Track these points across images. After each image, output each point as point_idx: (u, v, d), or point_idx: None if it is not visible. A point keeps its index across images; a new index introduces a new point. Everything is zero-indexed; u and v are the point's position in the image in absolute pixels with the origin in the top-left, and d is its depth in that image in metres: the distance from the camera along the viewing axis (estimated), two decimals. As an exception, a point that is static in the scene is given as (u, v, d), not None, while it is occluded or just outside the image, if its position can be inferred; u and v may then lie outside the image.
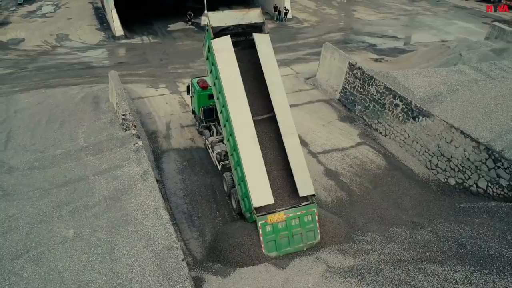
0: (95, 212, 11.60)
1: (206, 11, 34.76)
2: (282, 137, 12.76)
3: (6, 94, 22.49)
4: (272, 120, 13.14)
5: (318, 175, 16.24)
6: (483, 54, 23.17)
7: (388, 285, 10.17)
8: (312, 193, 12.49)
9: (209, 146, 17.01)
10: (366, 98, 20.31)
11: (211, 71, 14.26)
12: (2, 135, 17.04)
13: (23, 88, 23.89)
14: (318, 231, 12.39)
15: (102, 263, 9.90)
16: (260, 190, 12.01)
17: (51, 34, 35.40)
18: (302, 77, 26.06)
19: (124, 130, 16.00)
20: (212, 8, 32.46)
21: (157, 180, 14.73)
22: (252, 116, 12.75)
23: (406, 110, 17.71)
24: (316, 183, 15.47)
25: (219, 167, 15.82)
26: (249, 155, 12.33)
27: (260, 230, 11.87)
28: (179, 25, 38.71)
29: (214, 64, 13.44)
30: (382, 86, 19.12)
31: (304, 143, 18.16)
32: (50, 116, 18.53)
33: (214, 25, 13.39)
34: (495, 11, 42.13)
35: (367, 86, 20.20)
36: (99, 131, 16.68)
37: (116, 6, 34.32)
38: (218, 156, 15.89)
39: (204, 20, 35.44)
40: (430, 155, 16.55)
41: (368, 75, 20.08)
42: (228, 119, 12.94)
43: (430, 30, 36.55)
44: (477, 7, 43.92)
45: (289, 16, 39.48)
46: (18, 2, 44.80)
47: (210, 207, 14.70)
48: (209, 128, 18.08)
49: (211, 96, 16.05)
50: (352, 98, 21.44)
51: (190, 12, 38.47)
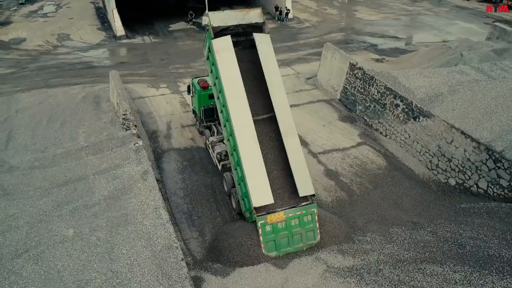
0: (95, 212, 11.61)
1: (207, 11, 34.77)
2: (282, 137, 12.75)
3: (7, 94, 22.54)
4: (272, 120, 13.13)
5: (318, 175, 16.23)
6: (484, 54, 23.12)
7: (387, 285, 10.15)
8: (312, 193, 12.47)
9: (209, 146, 17.02)
10: (367, 98, 20.30)
11: (211, 71, 14.26)
12: (3, 134, 17.08)
13: (24, 88, 23.93)
14: (318, 231, 12.37)
15: (102, 263, 9.91)
16: (260, 190, 12.00)
17: (53, 34, 35.48)
18: (303, 77, 26.04)
19: (124, 130, 16.01)
20: (213, 8, 32.40)
21: (157, 180, 14.73)
22: (252, 116, 12.74)
23: (406, 110, 17.69)
24: (316, 183, 15.46)
25: (219, 167, 15.82)
26: (249, 155, 12.33)
27: (259, 230, 11.85)
28: (180, 25, 38.74)
29: (214, 64, 13.45)
30: (382, 86, 19.11)
31: (304, 143, 18.15)
32: (51, 116, 18.55)
33: (214, 25, 13.40)
34: (495, 11, 42.05)
35: (367, 86, 20.18)
36: (100, 130, 16.70)
37: (117, 6, 34.39)
38: (219, 156, 15.89)
39: (205, 20, 35.50)
40: (430, 155, 16.52)
41: (369, 75, 20.07)
42: (228, 119, 12.94)
43: (431, 30, 36.49)
44: (478, 7, 43.83)
45: (290, 16, 39.47)
46: (20, 2, 44.87)
47: (210, 207, 14.71)
48: (209, 128, 18.09)
49: (212, 96, 16.06)
50: (353, 98, 21.42)
51: (191, 12, 38.51)
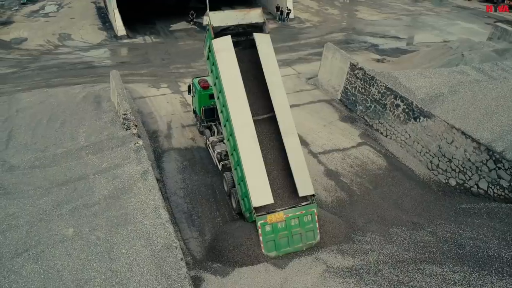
0: (95, 211, 11.63)
1: (208, 11, 34.83)
2: (282, 137, 12.74)
3: (8, 93, 22.58)
4: (272, 120, 13.13)
5: (318, 175, 16.21)
6: (485, 54, 23.09)
7: (386, 285, 10.14)
8: (312, 193, 12.46)
9: (209, 145, 17.02)
10: (367, 99, 20.28)
11: (211, 71, 14.27)
12: (3, 134, 17.11)
13: (25, 87, 23.98)
14: (318, 231, 12.36)
15: (101, 262, 9.92)
16: (259, 190, 12.00)
17: (54, 34, 35.55)
18: (304, 77, 26.02)
19: (125, 130, 16.03)
20: (215, 8, 32.38)
21: (157, 180, 14.75)
22: (252, 116, 12.73)
23: (407, 110, 17.67)
24: (316, 183, 15.45)
25: (220, 167, 15.82)
26: (249, 155, 12.32)
27: (259, 230, 11.85)
28: (181, 25, 38.78)
29: (214, 64, 13.45)
30: (383, 86, 19.09)
31: (305, 143, 18.15)
32: (52, 115, 18.57)
33: (214, 25, 13.40)
34: (495, 11, 41.98)
35: (368, 87, 20.16)
36: (100, 130, 16.71)
37: (118, 6, 34.44)
38: (219, 155, 15.88)
39: (206, 20, 35.47)
40: (431, 155, 16.50)
41: (369, 75, 20.05)
42: (228, 119, 12.94)
43: (432, 30, 36.44)
44: (480, 8, 43.74)
45: (291, 16, 39.47)
46: (21, 2, 44.96)
47: (210, 206, 14.71)
48: (210, 127, 18.10)
49: (212, 96, 16.06)
50: (353, 99, 21.41)
51: (192, 12, 38.57)
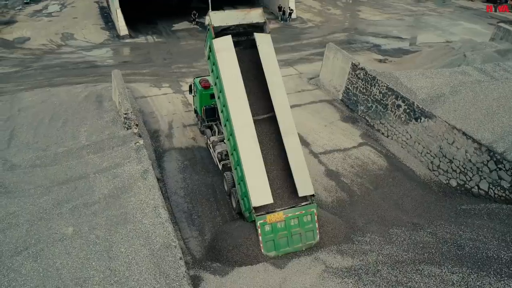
0: (95, 210, 11.66)
1: (210, 11, 34.91)
2: (282, 137, 12.71)
3: (11, 93, 22.69)
4: (272, 120, 13.12)
5: (319, 176, 16.20)
6: (487, 55, 23.03)
7: (384, 286, 10.12)
8: (312, 193, 12.43)
9: (210, 145, 17.04)
10: (369, 99, 20.25)
11: (212, 71, 14.29)
12: (5, 133, 17.18)
13: (28, 87, 24.08)
14: (317, 231, 12.34)
15: (100, 261, 9.95)
16: (259, 190, 11.99)
17: (57, 33, 35.71)
18: (305, 77, 26.03)
19: (125, 129, 16.06)
20: (217, 7, 32.54)
21: (158, 179, 14.81)
22: (253, 116, 12.73)
23: (408, 111, 17.64)
24: (316, 183, 15.44)
25: (220, 167, 15.83)
26: (249, 155, 12.32)
27: (259, 230, 11.84)
28: (183, 24, 38.87)
29: (215, 63, 13.46)
30: (384, 86, 19.06)
31: (305, 143, 18.15)
32: (53, 115, 18.63)
33: (215, 24, 13.43)
34: (495, 11, 41.84)
35: (369, 87, 20.13)
36: (101, 129, 16.75)
37: (121, 6, 34.58)
38: (219, 155, 15.89)
39: (208, 20, 35.58)
40: (432, 156, 16.46)
41: (371, 75, 20.01)
42: (228, 119, 12.94)
43: (435, 30, 36.37)
44: (483, 8, 43.62)
45: (293, 16, 39.50)
46: (25, 1, 45.22)
47: (210, 206, 14.72)
48: (210, 127, 18.12)
49: (213, 96, 16.06)
50: (355, 99, 21.39)
51: (194, 11, 38.65)
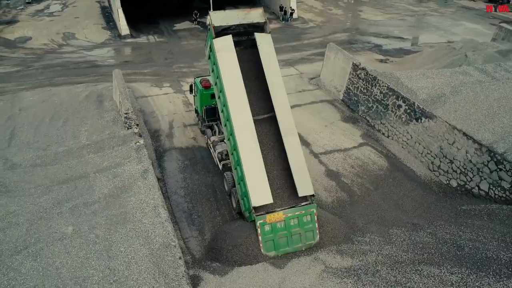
0: (95, 210, 11.68)
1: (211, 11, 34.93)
2: (282, 136, 12.70)
3: (12, 92, 22.74)
4: (272, 120, 13.11)
5: (319, 176, 16.19)
6: (488, 55, 22.96)
7: (383, 286, 10.10)
8: (311, 193, 12.42)
9: (211, 145, 17.05)
10: (369, 99, 20.23)
11: (212, 70, 14.29)
12: (6, 132, 17.21)
13: (29, 86, 24.14)
14: (317, 231, 12.34)
15: (100, 260, 9.97)
16: (259, 190, 11.99)
17: (58, 33, 35.79)
18: (306, 77, 26.01)
19: (126, 129, 16.07)
20: (218, 7, 32.45)
21: (158, 179, 14.84)
22: (253, 116, 12.73)
23: (409, 111, 17.61)
24: (317, 183, 15.43)
25: (220, 166, 15.84)
26: (249, 154, 12.31)
27: (258, 230, 11.83)
28: (185, 24, 38.90)
29: (215, 63, 13.46)
30: (385, 87, 19.03)
31: (306, 144, 18.14)
32: (54, 114, 18.65)
33: (216, 24, 13.45)
34: (495, 10, 41.75)
35: (370, 87, 20.11)
36: (102, 129, 16.76)
37: (122, 5, 34.60)
38: (220, 155, 15.89)
39: (209, 20, 35.58)
40: (432, 156, 16.44)
41: (372, 75, 19.99)
42: (228, 119, 12.94)
43: (436, 31, 36.30)
44: (484, 8, 43.47)
45: (294, 16, 39.49)
46: (27, 1, 45.32)
47: (210, 206, 14.73)
48: (211, 127, 18.12)
49: (214, 96, 16.06)
50: (355, 99, 21.37)
51: (196, 11, 38.66)
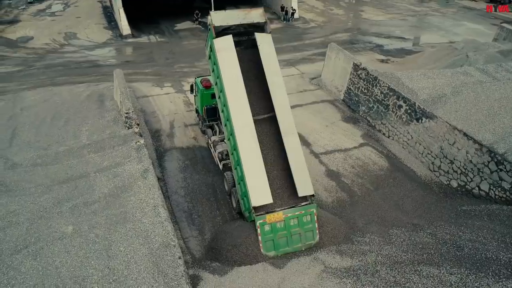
0: (95, 209, 11.71)
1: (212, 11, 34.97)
2: (282, 136, 12.70)
3: (13, 92, 22.81)
4: (272, 120, 13.10)
5: (319, 176, 16.19)
6: (490, 55, 22.92)
7: (383, 286, 10.10)
8: (311, 193, 12.41)
9: (211, 145, 17.06)
10: (370, 99, 20.22)
11: (213, 70, 14.30)
12: (7, 132, 17.26)
13: (30, 86, 24.20)
14: (317, 231, 12.34)
15: (99, 259, 10.00)
16: (259, 190, 11.99)
17: (60, 33, 35.86)
18: (307, 77, 26.00)
19: (127, 128, 16.12)
20: (219, 7, 32.34)
21: (158, 178, 14.86)
22: (253, 116, 12.73)
23: (409, 111, 17.60)
24: (317, 183, 15.43)
25: (221, 166, 15.85)
26: (249, 154, 12.32)
27: (258, 230, 11.83)
28: (186, 24, 38.92)
29: (216, 63, 13.47)
30: (386, 87, 19.02)
31: (307, 144, 18.14)
32: (55, 114, 18.70)
33: (216, 24, 13.45)
34: (495, 10, 41.66)
35: (371, 87, 20.10)
36: (103, 129, 16.80)
37: (124, 5, 34.66)
38: (220, 155, 15.89)
39: (209, 20, 35.66)
40: (433, 157, 16.42)
41: (372, 75, 19.98)
42: (228, 119, 12.95)
43: (438, 31, 36.24)
44: (486, 8, 43.41)
45: (296, 16, 39.47)
46: (28, 1, 45.44)
47: (210, 206, 14.75)
48: (211, 127, 18.14)
49: (214, 95, 16.08)
50: (356, 99, 21.35)
51: (197, 11, 38.68)
